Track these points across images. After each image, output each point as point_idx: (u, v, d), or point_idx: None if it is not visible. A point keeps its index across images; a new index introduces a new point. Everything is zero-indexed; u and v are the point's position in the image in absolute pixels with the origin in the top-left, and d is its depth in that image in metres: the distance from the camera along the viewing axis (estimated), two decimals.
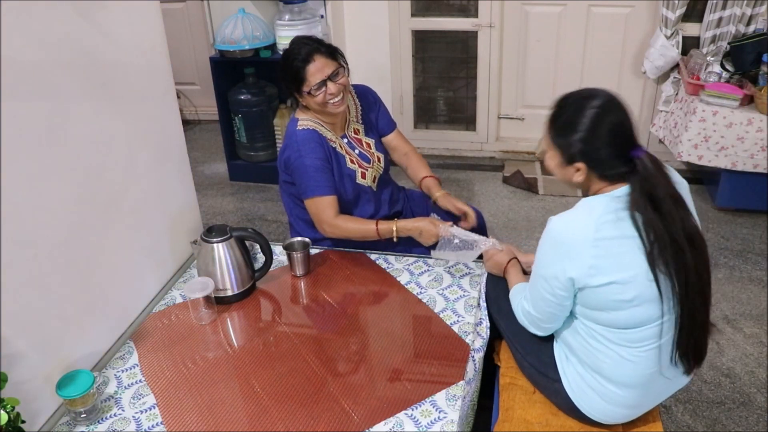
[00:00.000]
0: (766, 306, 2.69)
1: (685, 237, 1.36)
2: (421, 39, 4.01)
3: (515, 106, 4.08)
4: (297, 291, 1.99)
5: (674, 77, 3.60)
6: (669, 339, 1.42)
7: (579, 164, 1.42)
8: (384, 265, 2.04)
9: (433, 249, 1.95)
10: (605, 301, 1.40)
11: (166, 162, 2.02)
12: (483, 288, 1.87)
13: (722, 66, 3.33)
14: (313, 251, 2.10)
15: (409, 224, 1.97)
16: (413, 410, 1.49)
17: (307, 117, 2.04)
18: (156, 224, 1.97)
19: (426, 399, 1.51)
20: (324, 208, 1.98)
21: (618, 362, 1.45)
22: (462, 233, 1.89)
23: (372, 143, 2.17)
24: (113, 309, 1.76)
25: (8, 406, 1.23)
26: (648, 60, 3.58)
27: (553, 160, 1.48)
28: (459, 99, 4.21)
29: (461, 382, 1.56)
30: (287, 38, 3.49)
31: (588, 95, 1.42)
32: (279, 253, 2.11)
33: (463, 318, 1.79)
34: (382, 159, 2.18)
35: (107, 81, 1.69)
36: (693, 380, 2.33)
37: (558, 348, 1.59)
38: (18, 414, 1.25)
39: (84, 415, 1.49)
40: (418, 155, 2.28)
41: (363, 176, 2.10)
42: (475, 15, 3.81)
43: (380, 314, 1.86)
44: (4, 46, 1.32)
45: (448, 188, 3.70)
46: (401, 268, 2.03)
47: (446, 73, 4.13)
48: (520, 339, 1.67)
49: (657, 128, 3.69)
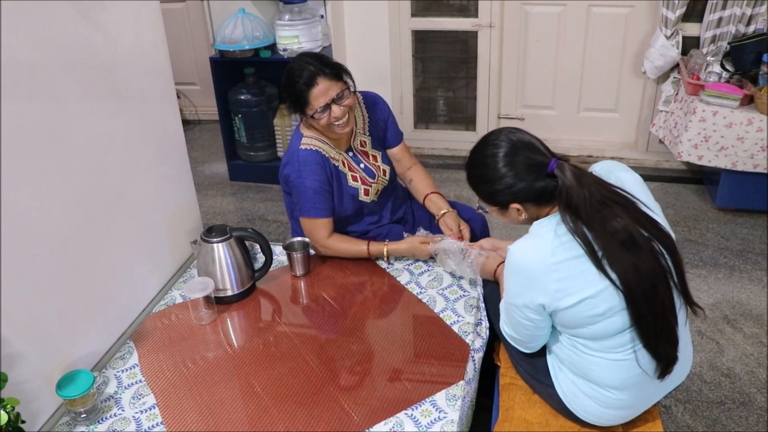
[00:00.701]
0: (766, 306, 2.69)
1: (620, 239, 1.33)
2: (421, 39, 4.01)
3: (515, 106, 4.07)
4: (297, 291, 1.99)
5: (674, 77, 3.60)
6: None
7: (514, 205, 1.45)
8: (384, 265, 2.04)
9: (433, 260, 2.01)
10: (579, 319, 1.40)
11: (166, 162, 2.02)
12: (481, 290, 1.87)
13: (722, 66, 3.33)
14: (313, 251, 2.10)
15: (401, 247, 2.00)
16: (413, 410, 1.49)
17: (312, 134, 1.99)
18: (156, 224, 1.97)
19: (426, 399, 1.52)
20: (318, 229, 2.00)
21: (605, 367, 1.45)
22: (452, 246, 1.91)
23: (378, 156, 2.13)
24: (113, 309, 1.76)
25: (8, 406, 1.23)
26: (648, 60, 3.58)
27: (493, 212, 1.53)
28: (459, 99, 4.21)
29: (461, 382, 1.56)
30: (287, 38, 3.52)
31: (490, 144, 1.45)
32: (279, 253, 2.11)
33: (463, 318, 1.79)
34: (388, 172, 2.14)
35: (107, 81, 1.69)
36: (693, 380, 2.33)
37: (549, 357, 1.60)
38: (18, 414, 1.25)
39: (84, 415, 1.49)
40: (424, 171, 2.24)
41: (366, 193, 2.07)
42: (475, 15, 3.81)
43: (380, 314, 1.86)
44: (4, 46, 1.32)
45: (448, 188, 3.73)
46: (401, 268, 2.03)
47: (446, 73, 4.13)
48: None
49: (657, 128, 3.68)
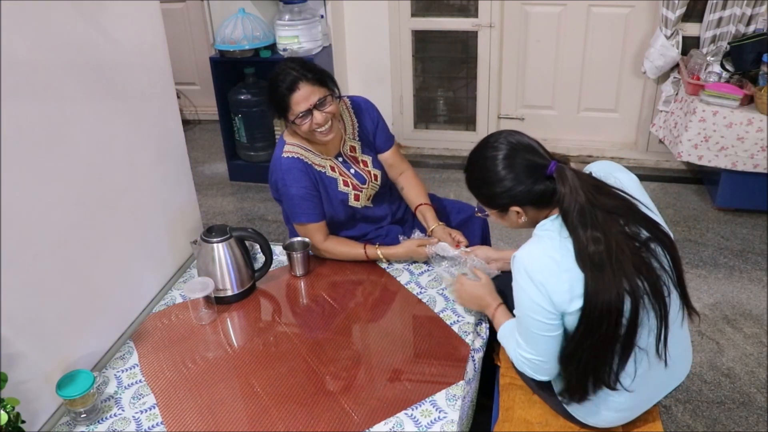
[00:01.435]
0: (766, 306, 2.69)
1: (613, 240, 1.32)
2: (421, 39, 4.01)
3: (515, 106, 4.08)
4: (297, 291, 1.99)
5: (674, 77, 3.60)
6: (652, 341, 1.40)
7: (514, 208, 1.44)
8: (384, 266, 2.04)
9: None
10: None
11: (166, 162, 2.02)
12: None
13: (722, 66, 3.33)
14: (313, 253, 2.10)
15: (399, 251, 2.00)
16: (413, 410, 1.49)
17: (294, 142, 1.98)
18: (156, 224, 1.97)
19: (426, 399, 1.51)
20: (313, 233, 2.00)
21: None
22: (448, 251, 1.92)
23: (369, 160, 2.11)
24: (113, 309, 1.76)
25: (8, 406, 1.23)
26: (648, 60, 3.58)
27: (492, 215, 1.51)
28: (459, 99, 4.21)
29: (461, 382, 1.56)
30: (287, 38, 3.52)
31: (489, 147, 1.44)
32: (279, 253, 2.11)
33: (463, 318, 1.79)
34: (379, 176, 2.12)
35: (107, 81, 1.69)
36: (693, 380, 2.33)
37: None
38: (18, 414, 1.25)
39: (84, 415, 1.49)
40: (416, 178, 2.20)
41: (357, 198, 2.05)
42: (475, 15, 3.82)
43: (380, 314, 1.86)
44: (4, 46, 1.32)
45: (448, 188, 3.73)
46: (401, 268, 2.03)
47: (446, 73, 4.13)
48: None
49: (657, 128, 3.68)
